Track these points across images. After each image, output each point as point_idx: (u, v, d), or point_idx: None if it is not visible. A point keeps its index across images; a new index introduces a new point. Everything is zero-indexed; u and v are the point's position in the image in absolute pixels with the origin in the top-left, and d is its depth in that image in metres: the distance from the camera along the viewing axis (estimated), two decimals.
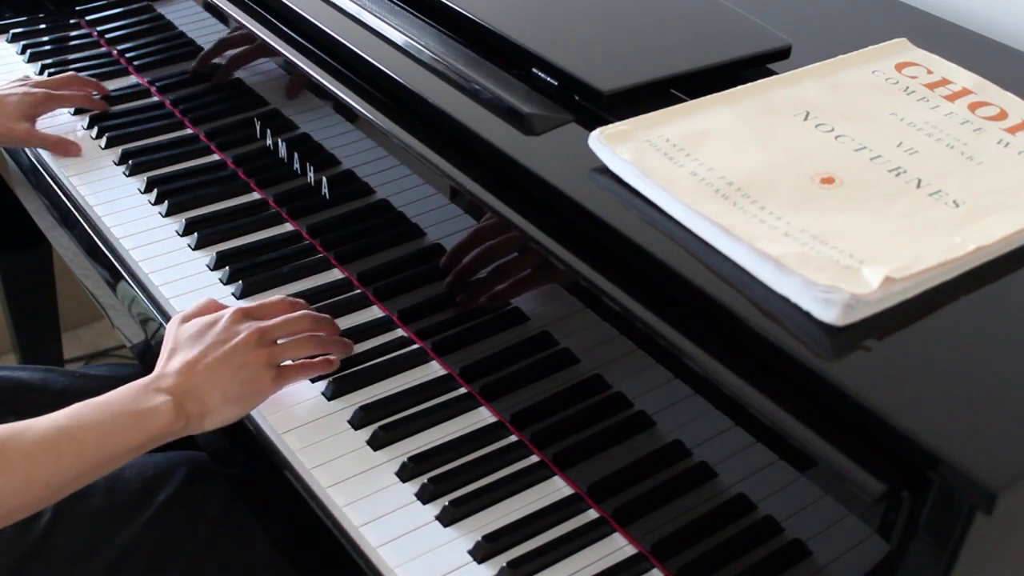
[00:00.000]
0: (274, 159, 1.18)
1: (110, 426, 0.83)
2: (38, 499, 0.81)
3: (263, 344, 0.91)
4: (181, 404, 0.85)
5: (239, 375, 0.88)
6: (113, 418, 0.83)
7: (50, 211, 1.25)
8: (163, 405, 0.85)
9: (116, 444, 0.83)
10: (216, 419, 0.88)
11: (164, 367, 0.89)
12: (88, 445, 0.82)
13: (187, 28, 1.31)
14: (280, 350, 0.92)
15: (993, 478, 0.59)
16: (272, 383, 0.91)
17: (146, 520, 0.96)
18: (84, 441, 0.82)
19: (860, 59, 0.93)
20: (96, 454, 0.82)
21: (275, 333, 0.92)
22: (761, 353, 0.68)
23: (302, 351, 0.94)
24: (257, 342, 0.90)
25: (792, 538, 0.74)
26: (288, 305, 0.97)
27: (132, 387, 0.86)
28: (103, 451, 0.83)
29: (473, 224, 0.92)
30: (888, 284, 0.67)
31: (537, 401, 0.92)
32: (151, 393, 0.86)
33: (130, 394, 0.85)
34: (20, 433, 0.80)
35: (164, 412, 0.84)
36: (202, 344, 0.90)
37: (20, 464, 0.79)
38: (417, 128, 0.94)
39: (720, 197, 0.76)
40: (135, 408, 0.84)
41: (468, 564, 0.83)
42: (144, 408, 0.84)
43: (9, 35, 1.50)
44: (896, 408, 0.63)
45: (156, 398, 0.85)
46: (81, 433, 0.82)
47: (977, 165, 0.81)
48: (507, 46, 0.95)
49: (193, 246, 1.13)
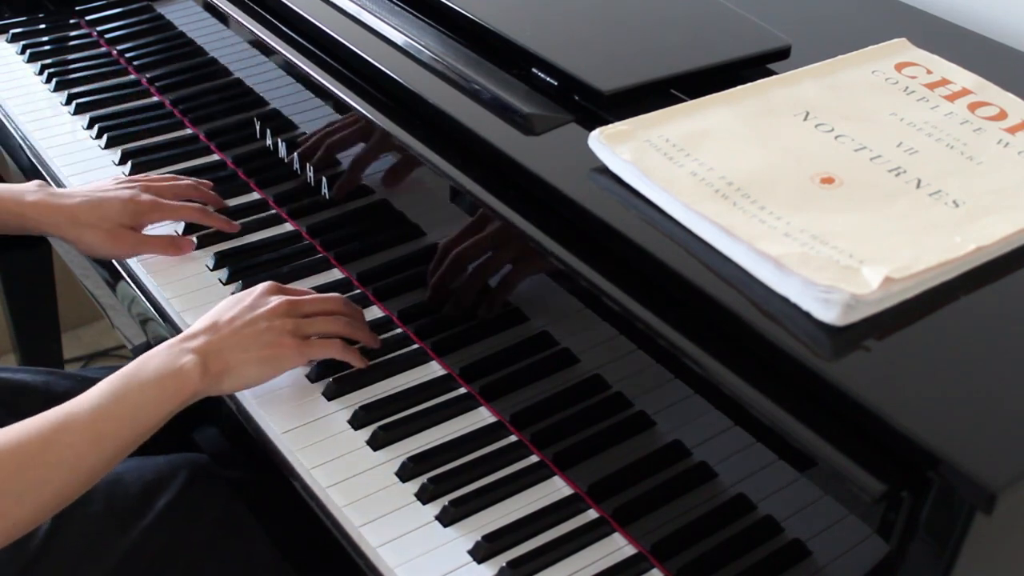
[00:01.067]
0: (274, 159, 1.18)
1: (141, 397, 0.84)
2: (86, 484, 0.83)
3: (290, 315, 0.91)
4: (206, 365, 0.86)
5: (263, 337, 0.89)
6: (146, 388, 0.84)
7: None
8: (189, 365, 0.85)
9: (150, 414, 0.84)
10: (236, 378, 0.89)
11: (197, 324, 0.90)
12: (125, 421, 0.83)
13: (187, 28, 1.31)
14: (307, 323, 0.92)
15: (993, 478, 0.59)
16: (295, 350, 0.91)
17: (147, 524, 0.96)
18: (122, 418, 0.83)
19: (860, 59, 0.93)
20: (133, 427, 0.83)
21: (304, 307, 0.93)
22: (761, 353, 0.68)
23: (329, 327, 0.94)
24: (285, 311, 0.91)
25: (792, 538, 0.74)
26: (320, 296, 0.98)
27: (158, 352, 0.87)
28: (139, 423, 0.83)
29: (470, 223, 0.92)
30: (888, 284, 0.67)
31: (537, 401, 0.92)
32: (177, 354, 0.86)
33: (162, 355, 0.86)
34: (65, 423, 0.81)
35: (191, 373, 0.85)
36: (231, 310, 0.91)
37: (67, 456, 0.80)
38: (417, 128, 0.94)
39: (720, 197, 0.76)
40: (163, 372, 0.85)
41: (468, 564, 0.83)
42: (172, 370, 0.85)
43: (9, 35, 1.50)
44: (896, 408, 0.63)
45: (183, 358, 0.86)
46: (118, 410, 0.83)
47: (977, 165, 0.81)
48: (507, 46, 0.95)
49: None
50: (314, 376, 0.97)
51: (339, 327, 0.95)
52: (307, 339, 0.92)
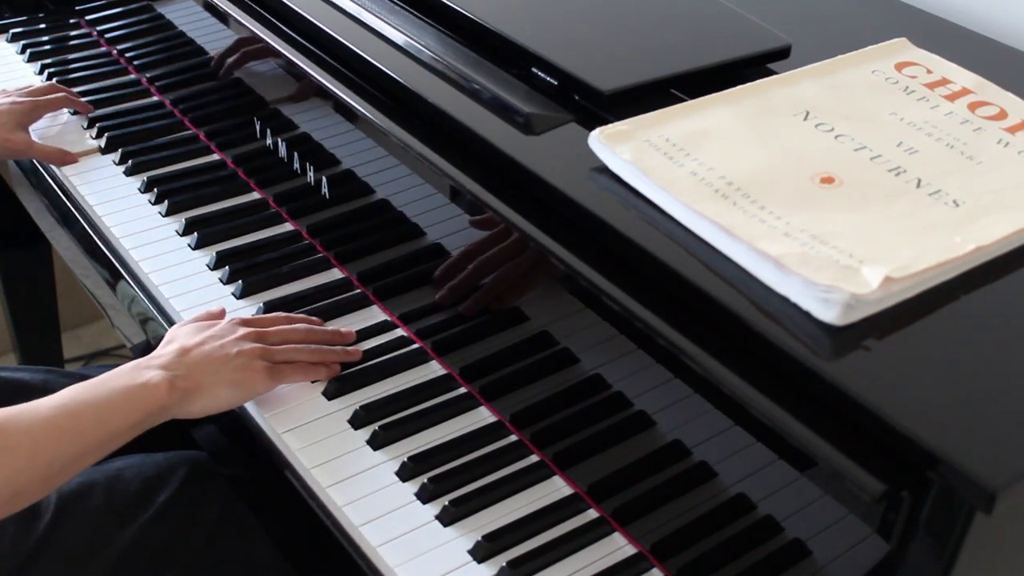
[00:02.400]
0: (274, 159, 1.18)
1: (107, 404, 0.85)
2: (44, 478, 0.82)
3: (258, 342, 0.93)
4: (173, 381, 0.88)
5: (232, 362, 0.91)
6: (110, 396, 0.86)
7: (50, 211, 1.25)
8: (156, 379, 0.87)
9: (114, 421, 0.85)
10: (206, 401, 0.90)
11: (160, 349, 0.92)
12: (88, 422, 0.84)
13: (187, 28, 1.31)
14: (275, 352, 0.94)
15: (993, 478, 0.59)
16: (265, 375, 0.92)
17: (146, 520, 0.96)
18: (83, 418, 0.84)
19: (860, 59, 0.93)
20: (96, 432, 0.84)
21: (271, 337, 0.95)
22: (761, 353, 0.68)
23: (296, 357, 0.95)
24: (253, 339, 0.93)
25: (792, 538, 0.74)
26: (285, 318, 1.00)
27: (127, 366, 0.89)
28: (103, 428, 0.84)
29: (472, 224, 0.92)
30: (888, 284, 0.67)
31: (537, 401, 0.92)
32: (145, 370, 0.88)
33: (126, 371, 0.88)
34: (20, 413, 0.82)
35: (158, 387, 0.87)
36: (199, 335, 0.93)
37: (23, 442, 0.80)
38: (417, 128, 0.94)
39: (720, 197, 0.76)
40: (130, 383, 0.86)
41: (468, 564, 0.83)
42: (138, 383, 0.86)
43: (9, 35, 1.50)
44: (896, 408, 0.63)
45: (149, 373, 0.87)
46: (80, 410, 0.84)
47: (977, 165, 0.81)
48: (507, 46, 0.95)
49: (193, 246, 1.13)
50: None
51: (305, 355, 0.96)
52: (276, 364, 0.93)
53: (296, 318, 1.00)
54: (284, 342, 0.96)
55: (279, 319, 0.99)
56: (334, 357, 0.98)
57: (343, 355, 0.98)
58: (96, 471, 0.99)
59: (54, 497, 0.94)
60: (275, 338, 0.95)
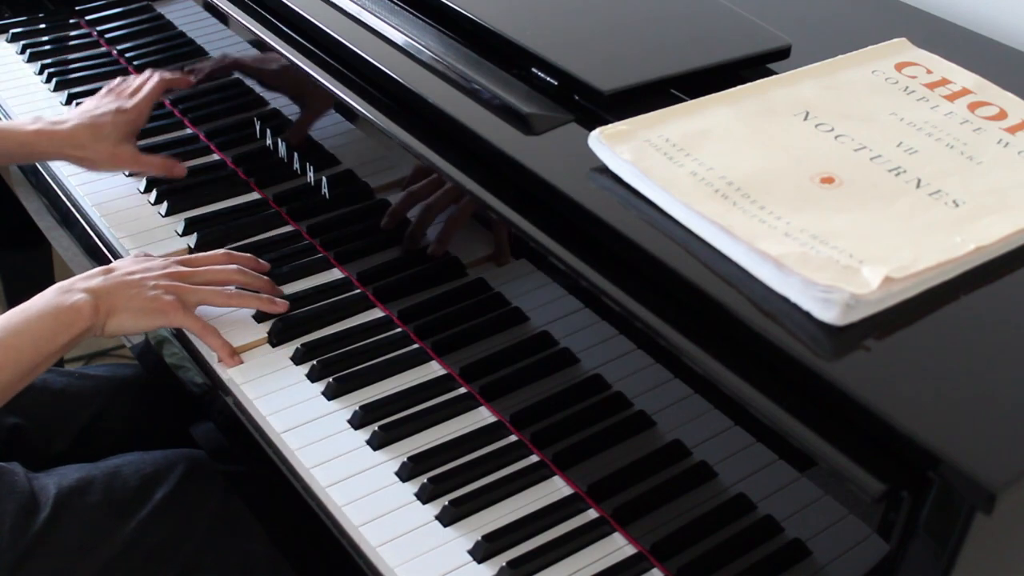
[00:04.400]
0: (274, 159, 1.18)
1: (38, 330, 0.91)
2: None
3: (177, 279, 0.99)
4: (96, 304, 0.94)
5: (145, 292, 0.96)
6: (40, 322, 0.92)
7: (50, 211, 1.25)
8: (81, 302, 0.93)
9: (46, 344, 0.91)
10: (118, 322, 0.95)
11: (90, 272, 0.97)
12: (23, 351, 0.90)
13: (187, 28, 1.31)
14: (192, 291, 0.99)
15: (993, 478, 0.59)
16: (176, 310, 0.97)
17: (144, 517, 0.96)
18: (18, 348, 0.90)
19: (860, 59, 0.93)
20: (31, 357, 0.90)
21: (195, 277, 1.01)
22: (761, 353, 0.68)
23: (210, 300, 1.01)
24: (172, 276, 0.99)
25: (792, 538, 0.74)
26: (224, 256, 1.05)
27: (53, 289, 0.94)
28: (36, 354, 0.91)
29: (470, 221, 0.92)
30: (888, 284, 0.67)
31: (537, 401, 0.92)
32: (70, 292, 0.94)
33: (52, 296, 0.94)
34: None
35: (83, 309, 0.93)
36: (130, 263, 1.00)
37: None
38: (417, 128, 0.94)
39: (720, 197, 0.76)
40: (58, 306, 0.92)
41: (468, 564, 0.83)
42: (66, 305, 0.92)
43: (9, 35, 1.50)
44: (896, 408, 0.63)
45: (75, 296, 0.93)
46: (13, 341, 0.90)
47: (977, 165, 0.81)
48: (507, 46, 0.95)
49: (193, 246, 1.13)
50: (314, 376, 0.97)
51: (220, 300, 1.01)
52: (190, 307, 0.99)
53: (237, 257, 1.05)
54: (206, 281, 1.01)
55: (217, 256, 1.04)
56: (252, 303, 1.03)
57: (265, 303, 1.03)
58: (94, 468, 0.99)
59: (52, 493, 0.94)
60: (199, 277, 1.01)
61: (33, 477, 0.96)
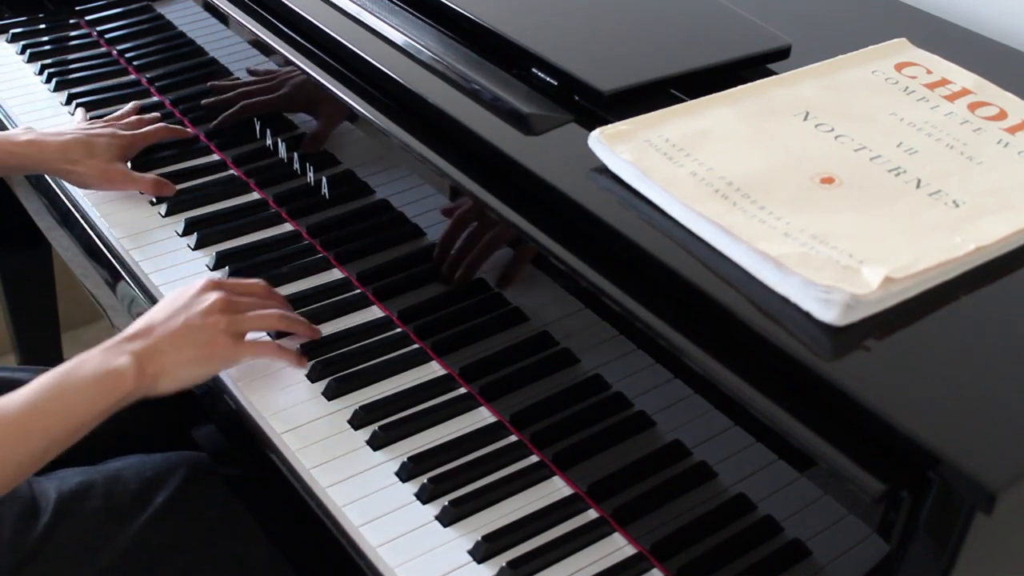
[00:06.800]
0: (274, 159, 1.18)
1: (76, 395, 0.84)
2: (12, 479, 0.82)
3: (226, 311, 0.91)
4: (142, 366, 0.86)
5: (196, 337, 0.89)
6: (77, 388, 0.84)
7: (50, 211, 1.25)
8: (124, 367, 0.85)
9: (82, 412, 0.84)
10: (170, 380, 0.88)
11: (133, 327, 0.90)
12: (57, 418, 0.83)
13: (187, 28, 1.31)
14: (243, 319, 0.93)
15: (993, 478, 0.59)
16: (231, 349, 0.91)
17: (145, 521, 0.96)
18: (52, 414, 0.83)
19: (860, 59, 0.93)
20: (65, 425, 0.83)
21: (241, 304, 0.94)
22: (761, 353, 0.68)
23: (265, 324, 0.95)
24: (221, 309, 0.91)
25: (792, 538, 0.74)
26: (263, 288, 0.99)
27: (94, 353, 0.87)
28: (71, 421, 0.83)
29: (471, 223, 0.92)
30: (888, 284, 0.67)
31: (537, 401, 0.92)
32: (113, 355, 0.86)
33: (95, 358, 0.86)
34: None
35: (125, 374, 0.85)
36: (168, 308, 0.91)
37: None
38: (417, 128, 0.94)
39: (720, 197, 0.76)
40: (99, 372, 0.85)
41: (468, 564, 0.83)
42: (106, 371, 0.85)
43: (9, 35, 1.50)
44: (896, 408, 0.63)
45: (118, 359, 0.86)
46: (50, 407, 0.83)
47: (977, 165, 0.81)
48: (507, 46, 0.95)
49: (193, 246, 1.13)
50: (314, 376, 0.97)
51: (274, 322, 0.96)
52: (242, 337, 0.93)
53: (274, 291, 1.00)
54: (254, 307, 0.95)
55: (257, 286, 0.98)
56: (300, 328, 0.98)
57: (307, 329, 0.99)
58: (95, 471, 0.99)
59: (53, 497, 0.94)
60: (245, 304, 0.94)
61: (33, 481, 0.96)
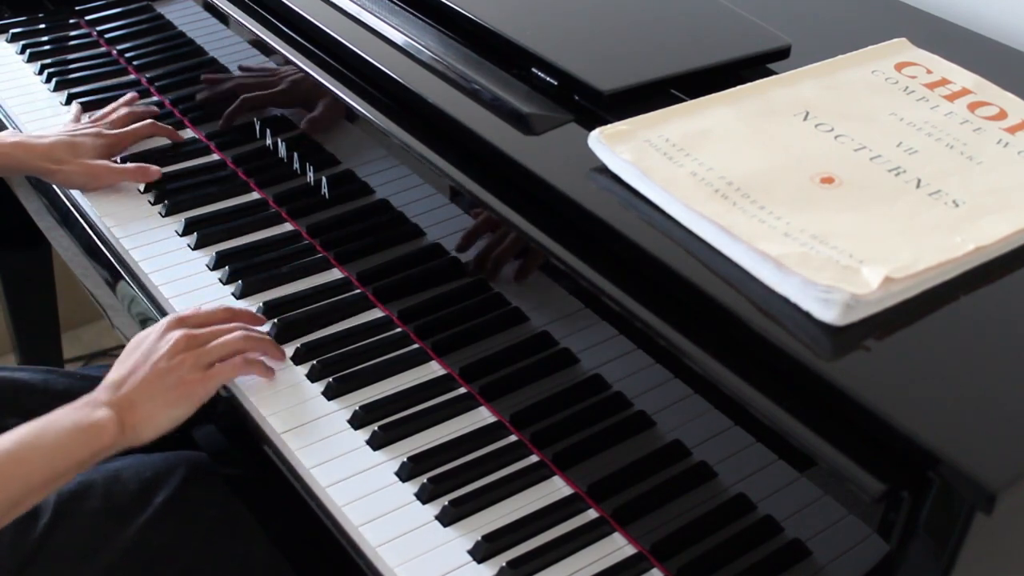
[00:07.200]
0: (274, 159, 1.18)
1: (55, 446, 0.84)
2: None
3: (190, 347, 0.92)
4: (121, 418, 0.87)
5: (167, 380, 0.90)
6: (58, 438, 0.85)
7: (50, 211, 1.25)
8: (104, 420, 0.86)
9: (62, 462, 0.84)
10: (151, 428, 0.89)
11: (104, 382, 0.91)
12: (35, 466, 0.83)
13: (187, 28, 1.31)
14: (207, 352, 0.93)
15: (993, 478, 0.59)
16: (200, 385, 0.91)
17: (145, 521, 0.96)
18: (31, 462, 0.83)
19: (860, 59, 0.93)
20: (43, 474, 0.84)
21: (202, 336, 0.94)
22: (761, 353, 0.68)
23: (229, 350, 0.95)
24: (185, 346, 0.92)
25: (792, 538, 0.74)
26: (224, 312, 0.99)
27: (75, 405, 0.88)
28: (50, 470, 0.84)
29: (472, 224, 0.92)
30: (888, 284, 0.67)
31: (537, 401, 0.92)
32: (93, 409, 0.87)
33: (73, 412, 0.87)
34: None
35: (106, 427, 0.86)
36: (136, 355, 0.92)
37: None
38: (417, 128, 0.94)
39: (720, 197, 0.76)
40: (79, 424, 0.86)
41: (468, 564, 0.83)
42: (87, 423, 0.86)
43: (9, 35, 1.50)
44: (896, 408, 0.63)
45: (98, 412, 0.87)
46: (28, 455, 0.83)
47: (977, 165, 0.81)
48: (507, 46, 0.95)
49: (193, 246, 1.13)
50: (314, 376, 0.97)
51: (238, 345, 0.95)
52: (211, 368, 0.93)
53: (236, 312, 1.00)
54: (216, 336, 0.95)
55: (217, 313, 0.98)
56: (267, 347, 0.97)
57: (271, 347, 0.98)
58: (94, 472, 0.99)
59: (52, 498, 0.94)
60: (208, 335, 0.94)
61: None
